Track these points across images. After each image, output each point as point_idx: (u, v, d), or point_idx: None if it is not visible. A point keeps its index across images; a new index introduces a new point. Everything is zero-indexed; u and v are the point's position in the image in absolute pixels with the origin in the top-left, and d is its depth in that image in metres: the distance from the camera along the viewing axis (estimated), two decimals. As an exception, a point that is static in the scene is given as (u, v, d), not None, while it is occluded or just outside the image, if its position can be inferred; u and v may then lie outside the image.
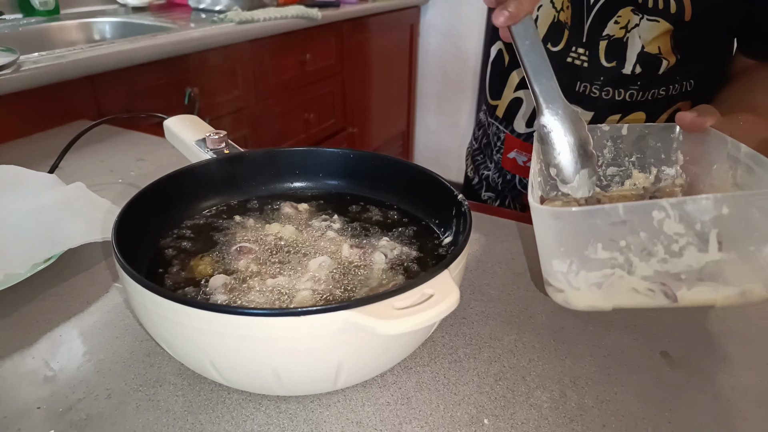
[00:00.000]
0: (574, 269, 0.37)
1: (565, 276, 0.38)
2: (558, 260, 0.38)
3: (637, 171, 0.53)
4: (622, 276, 0.37)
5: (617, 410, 0.38)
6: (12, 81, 0.91)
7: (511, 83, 0.76)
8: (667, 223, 0.35)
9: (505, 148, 0.81)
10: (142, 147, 0.82)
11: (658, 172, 0.53)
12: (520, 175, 0.80)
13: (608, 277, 0.37)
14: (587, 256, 0.37)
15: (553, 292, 0.40)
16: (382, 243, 0.47)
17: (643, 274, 0.37)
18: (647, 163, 0.53)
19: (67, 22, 1.42)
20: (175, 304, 0.32)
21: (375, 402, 0.38)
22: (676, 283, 0.37)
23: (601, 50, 0.67)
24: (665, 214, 0.35)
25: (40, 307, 0.47)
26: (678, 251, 0.35)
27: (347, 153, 0.56)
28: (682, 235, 0.35)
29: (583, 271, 0.37)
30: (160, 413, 0.37)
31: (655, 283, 0.37)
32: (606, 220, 0.36)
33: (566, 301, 0.39)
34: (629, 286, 0.37)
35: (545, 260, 0.39)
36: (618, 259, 0.36)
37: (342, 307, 0.31)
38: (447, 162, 2.60)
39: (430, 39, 2.49)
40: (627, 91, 0.68)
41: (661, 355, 0.43)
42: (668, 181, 0.52)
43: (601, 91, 0.69)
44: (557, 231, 0.37)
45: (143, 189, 0.46)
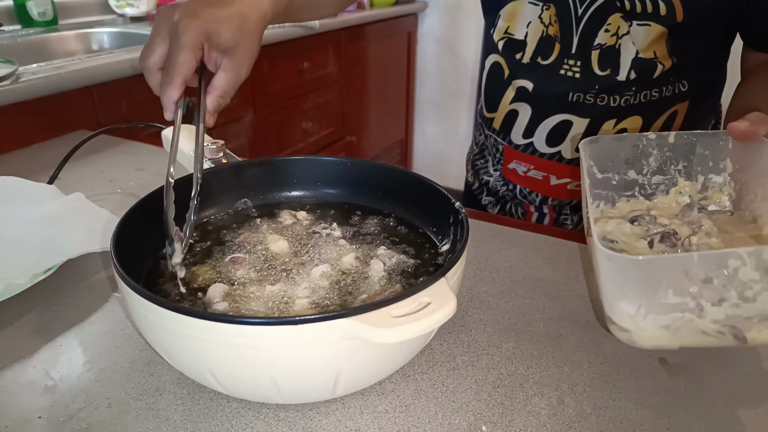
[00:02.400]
0: (643, 312, 0.37)
1: (633, 317, 0.38)
2: (625, 303, 0.38)
3: (683, 179, 0.53)
4: (692, 319, 0.37)
5: (615, 417, 0.38)
6: (11, 92, 0.91)
7: (508, 96, 0.77)
8: (743, 271, 0.35)
9: (505, 159, 0.81)
10: (141, 157, 0.82)
11: (705, 180, 0.52)
12: (520, 185, 0.81)
13: (677, 320, 0.37)
14: (657, 301, 0.36)
15: (617, 331, 0.40)
16: (380, 251, 0.47)
17: (713, 318, 0.36)
18: (694, 171, 0.52)
19: (65, 32, 1.43)
20: (174, 313, 0.33)
21: (373, 410, 0.39)
22: (746, 325, 0.36)
23: (593, 60, 0.67)
24: (741, 262, 0.34)
25: (40, 317, 0.47)
26: (752, 297, 0.35)
27: (345, 162, 0.56)
28: (757, 282, 0.35)
29: (651, 315, 0.37)
30: (160, 422, 0.37)
31: (725, 326, 0.37)
32: (679, 268, 0.35)
33: (631, 340, 0.39)
34: (698, 329, 0.37)
35: (611, 301, 0.39)
36: (689, 304, 0.36)
37: (339, 316, 0.32)
38: (446, 170, 2.60)
39: (427, 47, 2.51)
40: (622, 97, 0.68)
41: (659, 362, 0.43)
42: (715, 189, 0.51)
43: (596, 98, 0.69)
44: (626, 275, 0.37)
45: (141, 199, 0.46)
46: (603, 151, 0.53)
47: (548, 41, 0.70)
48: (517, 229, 0.63)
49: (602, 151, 0.53)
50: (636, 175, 0.54)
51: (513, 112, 0.77)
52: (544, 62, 0.71)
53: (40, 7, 1.41)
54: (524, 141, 0.77)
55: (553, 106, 0.72)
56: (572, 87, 0.70)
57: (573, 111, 0.71)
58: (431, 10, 2.44)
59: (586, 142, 0.51)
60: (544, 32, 0.70)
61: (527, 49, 0.72)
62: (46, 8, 1.42)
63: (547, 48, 0.70)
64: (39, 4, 1.40)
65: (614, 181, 0.54)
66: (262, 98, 1.61)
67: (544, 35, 0.70)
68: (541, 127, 0.74)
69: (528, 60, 0.72)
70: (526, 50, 0.72)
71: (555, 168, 0.76)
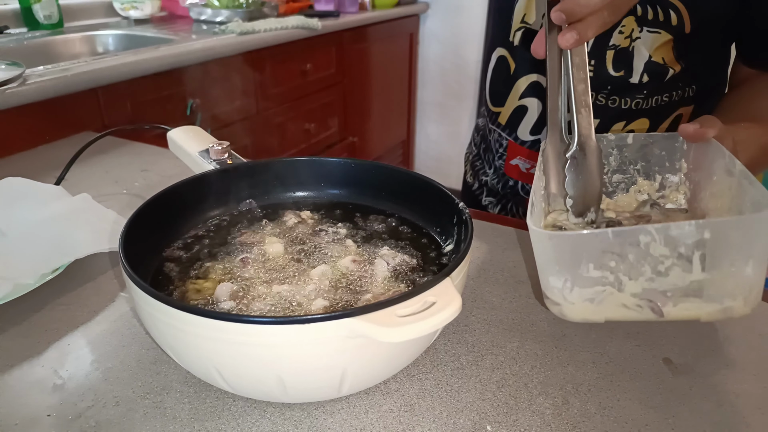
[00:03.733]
0: (569, 286, 0.40)
1: (561, 291, 0.41)
2: (554, 277, 0.41)
3: (642, 178, 0.55)
4: (613, 293, 0.40)
5: (620, 417, 0.38)
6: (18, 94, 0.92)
7: (517, 91, 0.76)
8: (654, 246, 0.37)
9: (508, 155, 0.81)
10: (146, 158, 0.83)
11: (663, 179, 0.54)
12: (522, 181, 0.81)
13: (600, 293, 0.40)
14: (580, 275, 0.40)
15: (550, 305, 0.43)
16: (383, 251, 0.47)
17: (632, 292, 0.39)
18: (652, 170, 0.54)
19: (71, 35, 1.44)
20: (182, 312, 0.33)
21: (378, 409, 0.39)
22: (662, 299, 0.39)
23: (608, 60, 0.67)
24: (651, 238, 0.37)
25: (48, 317, 0.48)
26: (664, 271, 0.38)
27: (349, 162, 0.56)
28: (667, 257, 0.38)
29: (576, 288, 0.40)
30: (167, 420, 0.38)
31: (643, 299, 0.40)
32: (597, 244, 0.38)
33: (562, 314, 0.42)
34: (619, 302, 0.40)
35: (543, 276, 0.42)
36: (609, 278, 0.39)
37: (346, 315, 0.32)
38: (448, 170, 2.61)
39: (429, 47, 2.51)
40: (633, 99, 0.68)
41: (663, 362, 0.43)
42: (672, 188, 0.54)
43: (607, 99, 0.69)
44: (553, 251, 0.40)
45: (148, 200, 0.46)
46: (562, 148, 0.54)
47: None
48: (520, 230, 0.63)
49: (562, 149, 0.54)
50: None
51: (521, 108, 0.76)
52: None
53: (45, 10, 1.41)
54: (531, 138, 0.77)
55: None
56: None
57: None
58: (433, 11, 2.45)
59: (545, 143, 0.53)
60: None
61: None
62: (51, 11, 1.43)
63: None
64: (45, 7, 1.41)
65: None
66: (264, 99, 1.62)
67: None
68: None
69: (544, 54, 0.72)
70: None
71: None
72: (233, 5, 1.65)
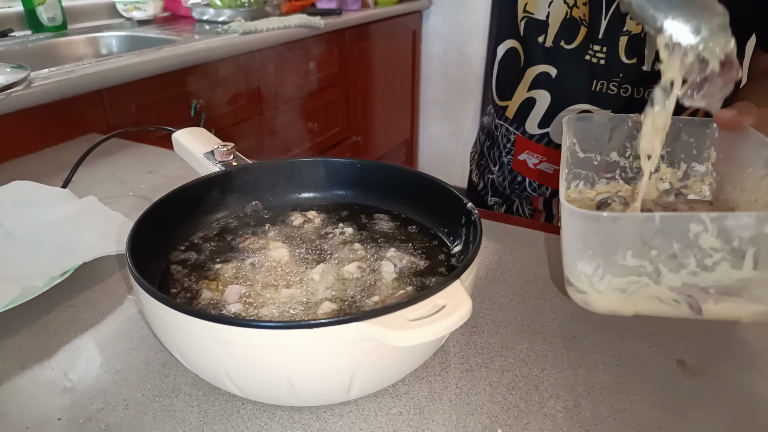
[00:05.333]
0: (600, 273, 0.37)
1: (589, 278, 0.37)
2: (584, 262, 0.37)
3: (666, 165, 0.52)
4: (648, 284, 0.36)
5: (633, 420, 0.38)
6: (24, 97, 0.92)
7: (525, 82, 0.75)
8: (704, 237, 0.34)
9: (516, 150, 0.80)
10: (152, 159, 0.83)
11: (688, 168, 0.51)
12: (530, 177, 0.80)
13: (634, 283, 0.36)
14: (615, 261, 0.36)
15: (573, 292, 0.39)
16: (390, 253, 0.47)
17: (670, 285, 0.36)
18: (677, 158, 0.51)
19: (74, 37, 1.44)
20: (191, 317, 0.33)
21: (387, 412, 0.39)
22: (703, 296, 0.36)
23: (621, 47, 0.66)
24: (703, 228, 0.34)
25: (57, 319, 0.48)
26: (711, 266, 0.35)
27: (354, 163, 0.56)
28: (717, 250, 0.34)
29: (608, 276, 0.37)
30: (177, 423, 0.38)
31: (681, 294, 0.36)
32: (640, 228, 0.35)
33: (586, 302, 0.39)
34: (654, 295, 0.37)
35: (569, 260, 0.39)
36: (647, 268, 0.36)
37: (355, 319, 0.32)
38: (451, 169, 2.60)
39: (432, 45, 2.50)
40: (646, 89, 0.67)
41: (677, 364, 0.43)
42: (696, 178, 0.51)
43: (619, 88, 0.68)
44: (586, 233, 0.37)
45: (155, 203, 0.46)
46: (587, 129, 0.52)
47: (572, 24, 0.68)
48: (528, 229, 0.63)
49: (586, 130, 0.52)
50: (618, 157, 0.53)
51: (530, 100, 0.75)
52: (567, 46, 0.69)
53: (49, 12, 1.42)
54: (540, 131, 0.76)
55: (575, 94, 0.71)
56: (597, 74, 0.68)
57: (595, 101, 0.70)
58: (436, 8, 2.44)
59: (572, 118, 0.50)
60: (567, 14, 0.68)
61: (549, 32, 0.70)
62: (55, 13, 1.43)
63: (571, 31, 0.69)
64: (48, 10, 1.41)
65: (596, 161, 0.53)
66: (268, 99, 1.62)
67: (567, 17, 0.68)
68: (559, 116, 0.73)
69: (551, 44, 0.71)
70: (548, 32, 0.70)
71: None
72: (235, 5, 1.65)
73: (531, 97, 0.75)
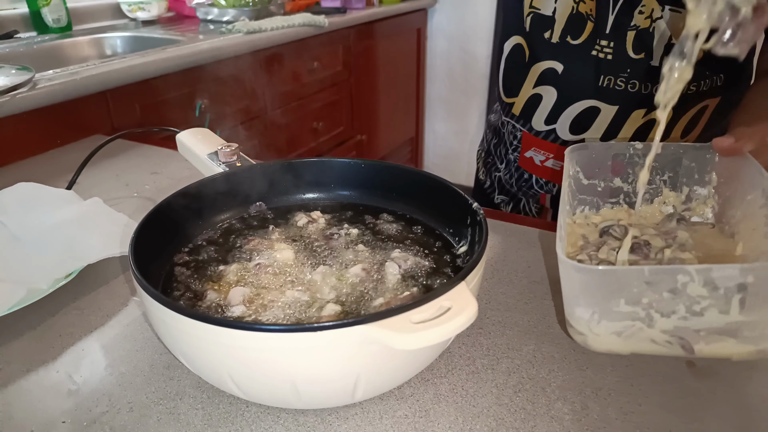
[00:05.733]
0: (596, 318, 0.39)
1: (587, 323, 0.39)
2: (581, 308, 0.39)
3: (668, 189, 0.53)
4: (642, 328, 0.38)
5: (641, 422, 0.37)
6: (28, 99, 0.92)
7: (531, 78, 0.75)
8: (691, 287, 0.36)
9: (522, 147, 0.79)
10: (156, 160, 0.83)
11: (690, 191, 0.52)
12: (537, 175, 0.79)
13: (629, 327, 0.38)
14: (610, 308, 0.38)
15: (573, 333, 0.41)
16: (395, 254, 0.47)
17: (662, 328, 0.38)
18: (679, 182, 0.53)
19: (79, 38, 1.44)
20: (193, 320, 0.33)
21: (393, 414, 0.38)
22: (694, 338, 0.38)
23: (628, 41, 0.65)
24: (690, 278, 0.36)
25: (62, 321, 0.48)
26: (699, 311, 0.37)
27: (359, 163, 0.56)
28: (705, 298, 0.36)
29: (604, 321, 0.39)
30: (181, 426, 0.37)
31: (673, 336, 0.38)
32: (630, 280, 0.37)
33: (585, 344, 0.41)
34: (648, 337, 0.39)
35: (569, 305, 0.41)
36: (639, 314, 0.38)
37: (359, 322, 0.31)
38: (456, 168, 2.59)
39: (437, 43, 2.49)
40: (654, 84, 0.66)
41: (686, 365, 0.42)
42: (699, 201, 0.52)
43: (626, 84, 0.67)
44: (582, 283, 0.39)
45: (158, 205, 0.46)
46: (590, 158, 0.54)
47: (579, 19, 0.68)
48: (535, 228, 0.62)
49: (589, 158, 0.54)
50: (621, 183, 0.55)
51: (536, 97, 0.75)
52: (574, 42, 0.69)
53: (54, 13, 1.42)
54: (546, 127, 0.75)
55: (581, 90, 0.71)
56: (604, 69, 0.68)
57: (602, 97, 0.69)
58: (440, 6, 2.43)
59: (574, 148, 0.53)
60: (574, 9, 0.67)
61: (556, 27, 0.70)
62: (60, 15, 1.44)
63: (578, 26, 0.68)
64: (53, 11, 1.42)
65: (599, 187, 0.55)
66: (272, 99, 1.62)
67: (574, 12, 0.68)
68: (566, 113, 0.73)
69: (557, 39, 0.70)
70: (555, 28, 0.70)
71: None
72: (240, 4, 1.65)
73: (537, 93, 0.74)
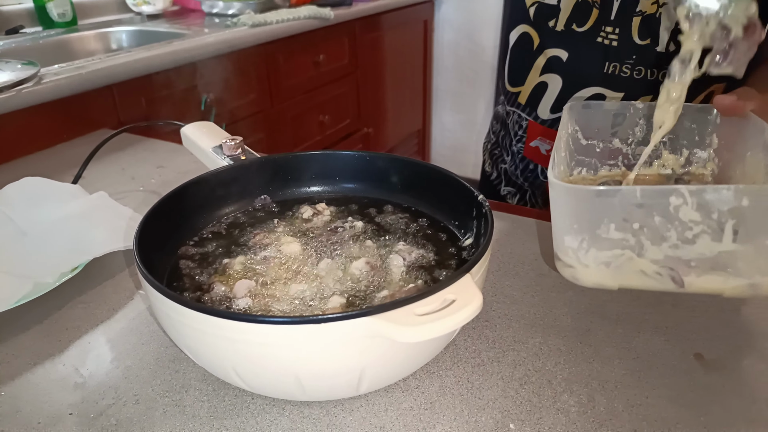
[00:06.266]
0: (585, 246, 0.38)
1: (576, 252, 0.38)
2: (570, 236, 0.38)
3: (668, 152, 0.52)
4: (632, 258, 0.37)
5: (649, 415, 0.37)
6: (34, 94, 0.93)
7: (537, 67, 0.74)
8: (684, 210, 0.34)
9: (528, 137, 0.79)
10: (162, 154, 0.83)
11: (690, 154, 0.51)
12: (542, 165, 0.79)
13: (618, 257, 0.37)
14: (599, 235, 0.37)
15: (561, 267, 0.40)
16: (399, 246, 0.46)
17: (652, 258, 0.37)
18: (679, 144, 0.51)
19: (85, 32, 1.45)
20: (198, 313, 0.33)
21: (398, 407, 0.38)
22: (685, 269, 0.37)
23: (634, 27, 0.64)
24: (683, 201, 0.34)
25: (68, 315, 0.48)
26: (691, 238, 0.35)
27: (363, 155, 0.55)
28: (697, 223, 0.35)
29: (593, 249, 0.37)
30: (187, 419, 0.38)
31: (663, 267, 0.37)
32: (622, 202, 0.35)
33: (574, 277, 0.40)
34: (637, 268, 0.37)
35: (558, 235, 0.40)
36: (629, 241, 0.36)
37: (363, 314, 0.31)
38: (464, 160, 2.58)
39: (444, 34, 2.47)
40: (660, 70, 0.65)
41: (694, 358, 0.42)
42: (699, 164, 0.51)
43: (632, 70, 0.66)
44: (572, 207, 0.37)
45: (162, 198, 0.46)
46: (589, 117, 0.52)
47: (584, 6, 0.67)
48: (541, 221, 0.62)
49: (588, 118, 0.52)
50: (621, 144, 0.53)
51: (542, 85, 0.75)
52: (579, 29, 0.68)
53: (59, 8, 1.42)
54: (552, 116, 0.75)
55: (587, 77, 0.70)
56: (609, 56, 0.67)
57: (607, 84, 0.69)
58: (447, -4, 2.41)
59: (573, 106, 0.51)
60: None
61: (561, 16, 0.69)
62: (65, 9, 1.44)
63: (583, 14, 0.67)
64: (59, 5, 1.42)
65: (598, 148, 0.53)
66: (278, 92, 1.61)
67: (579, 1, 0.67)
68: (571, 100, 0.72)
69: (562, 27, 0.70)
70: (560, 17, 0.69)
71: None
72: (245, -3, 1.64)
73: (543, 81, 0.74)
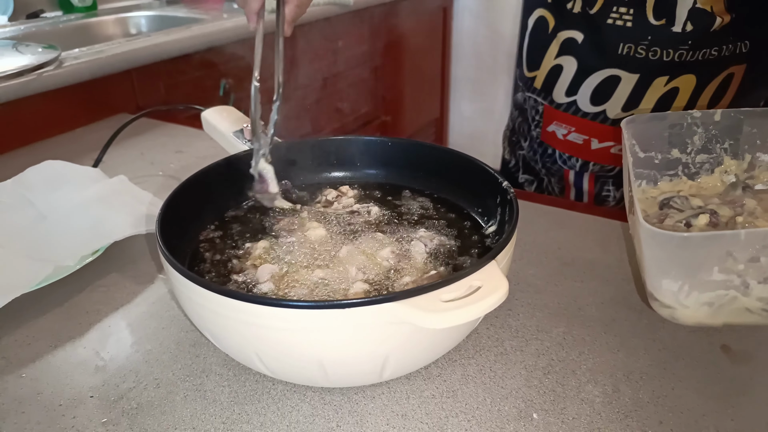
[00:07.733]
0: (686, 290, 0.37)
1: (675, 295, 0.37)
2: (669, 280, 0.37)
3: (729, 157, 0.51)
4: (737, 297, 0.36)
5: (675, 406, 0.36)
6: (54, 77, 0.93)
7: (552, 50, 0.73)
8: None
9: (544, 121, 0.78)
10: (181, 139, 0.83)
11: (753, 158, 0.50)
12: (559, 149, 0.78)
13: (721, 297, 0.36)
14: (701, 278, 0.36)
15: (658, 307, 0.40)
16: (421, 233, 0.46)
17: (759, 296, 0.36)
18: (741, 149, 0.51)
19: (104, 17, 1.45)
20: (221, 296, 0.32)
21: (420, 395, 0.38)
22: None
23: (648, 7, 0.62)
24: None
25: (89, 298, 0.48)
26: None
27: (385, 141, 0.55)
28: None
29: (695, 292, 0.37)
30: (207, 403, 0.38)
31: None
32: (724, 246, 0.35)
33: (673, 317, 0.39)
34: (742, 306, 0.37)
35: (653, 278, 0.39)
36: (734, 282, 0.36)
37: (387, 300, 0.31)
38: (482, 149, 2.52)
39: (463, 21, 2.44)
40: (676, 51, 0.63)
41: (721, 349, 0.41)
42: (762, 168, 0.50)
43: (647, 51, 0.65)
44: (670, 253, 0.37)
45: (183, 182, 0.46)
46: (646, 129, 0.51)
47: None
48: (564, 209, 0.60)
49: (645, 130, 0.51)
50: (680, 154, 0.52)
51: (557, 68, 0.73)
52: (590, 11, 0.66)
53: (79, -8, 1.43)
54: (567, 99, 0.74)
55: (601, 59, 0.68)
56: (623, 37, 0.65)
57: (622, 65, 0.67)
58: (466, -17, 2.37)
59: (629, 120, 0.50)
60: None
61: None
62: (85, -6, 1.44)
63: None
64: (78, -10, 1.42)
65: (657, 160, 0.52)
66: (297, 79, 1.61)
67: None
68: (586, 83, 0.71)
69: (579, 9, 0.68)
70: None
71: (597, 130, 0.72)
72: (263, -17, 1.63)
73: (558, 64, 0.72)
